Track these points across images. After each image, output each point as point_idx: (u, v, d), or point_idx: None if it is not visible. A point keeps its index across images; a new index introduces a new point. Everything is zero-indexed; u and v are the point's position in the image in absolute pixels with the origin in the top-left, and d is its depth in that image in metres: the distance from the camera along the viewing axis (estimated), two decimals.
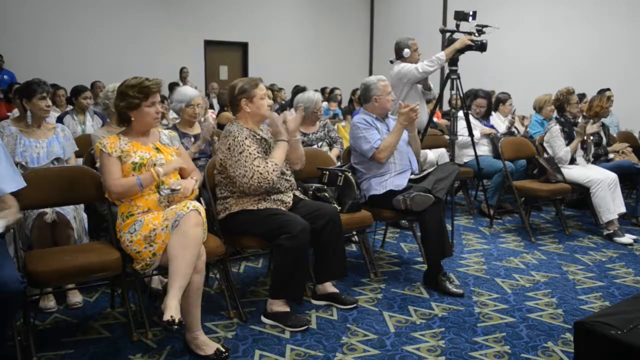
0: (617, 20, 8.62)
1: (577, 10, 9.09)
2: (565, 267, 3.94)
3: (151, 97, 2.77)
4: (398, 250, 4.34)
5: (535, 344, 2.77)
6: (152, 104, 2.79)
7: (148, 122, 2.82)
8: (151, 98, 2.77)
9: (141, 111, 2.78)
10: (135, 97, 2.74)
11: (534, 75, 9.32)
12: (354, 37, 13.42)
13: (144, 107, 2.77)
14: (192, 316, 2.59)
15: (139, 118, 2.79)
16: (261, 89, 3.13)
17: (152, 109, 2.79)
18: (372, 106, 3.77)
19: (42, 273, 2.45)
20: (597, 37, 8.84)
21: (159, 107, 2.84)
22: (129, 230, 2.64)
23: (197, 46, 11.53)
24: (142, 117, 2.79)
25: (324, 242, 3.11)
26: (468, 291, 3.45)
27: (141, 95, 2.75)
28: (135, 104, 2.75)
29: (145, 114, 2.79)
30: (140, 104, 2.76)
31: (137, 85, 2.76)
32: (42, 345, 2.68)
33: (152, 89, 2.77)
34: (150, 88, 2.76)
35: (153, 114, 2.80)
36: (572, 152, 4.84)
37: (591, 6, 8.95)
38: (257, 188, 2.96)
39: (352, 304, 3.19)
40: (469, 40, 4.49)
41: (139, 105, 2.76)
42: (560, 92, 5.03)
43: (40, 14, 9.77)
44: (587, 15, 8.99)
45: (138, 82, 2.76)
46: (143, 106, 2.76)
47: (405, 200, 3.36)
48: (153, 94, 2.78)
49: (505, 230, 4.96)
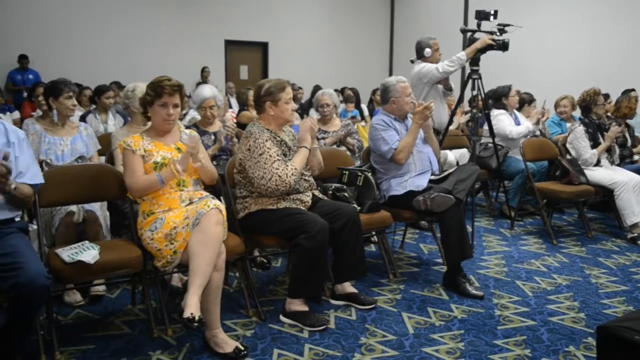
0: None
1: (600, 9, 8.94)
2: (587, 271, 3.89)
3: (164, 98, 2.75)
4: (417, 251, 4.32)
5: (557, 348, 2.73)
6: (164, 104, 2.76)
7: (157, 121, 2.82)
8: (164, 98, 2.75)
9: (153, 109, 2.80)
10: (148, 94, 2.77)
11: (556, 75, 9.19)
12: (374, 36, 13.38)
13: (156, 105, 2.78)
14: (212, 314, 2.61)
15: (152, 116, 2.83)
16: (287, 93, 3.10)
17: (162, 109, 2.77)
18: (390, 107, 3.75)
19: (64, 269, 2.48)
20: (620, 36, 8.68)
21: (172, 110, 2.79)
22: (150, 228, 2.67)
23: (217, 46, 11.60)
24: (154, 116, 2.82)
25: (343, 242, 3.10)
26: (488, 293, 3.42)
27: (153, 94, 2.76)
28: (148, 101, 2.79)
29: (156, 112, 2.79)
30: (152, 101, 2.78)
31: (155, 82, 2.78)
32: (65, 339, 2.71)
33: (165, 89, 2.74)
34: (163, 88, 2.74)
35: (163, 114, 2.78)
36: (599, 154, 4.76)
37: (614, 5, 8.79)
38: (274, 190, 2.96)
39: (371, 304, 3.18)
40: (490, 40, 4.45)
41: (151, 103, 2.78)
42: (586, 93, 4.94)
43: (65, 15, 9.92)
44: (610, 14, 8.83)
45: (158, 80, 2.78)
46: (155, 105, 2.78)
47: (426, 201, 3.34)
48: (167, 95, 2.75)
49: (526, 232, 4.90)
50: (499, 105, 5.48)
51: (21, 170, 2.51)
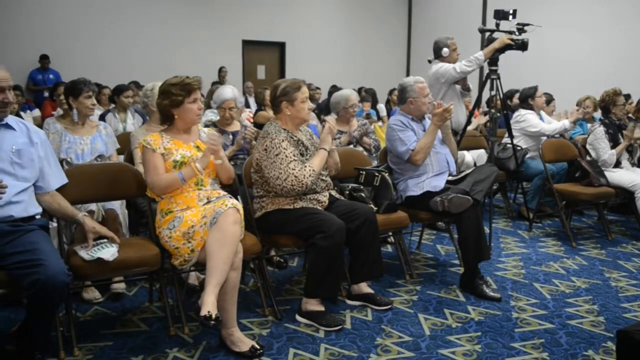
0: None
1: (620, 8, 8.81)
2: (607, 274, 3.83)
3: (193, 94, 2.83)
4: (434, 252, 4.30)
5: (575, 352, 2.69)
6: (194, 100, 2.84)
7: (191, 118, 2.87)
8: (193, 95, 2.83)
9: (184, 108, 2.83)
10: (178, 94, 2.80)
11: (576, 75, 9.09)
12: (392, 36, 13.34)
13: (187, 103, 2.82)
14: (228, 313, 2.62)
15: (182, 115, 2.85)
16: (303, 92, 3.11)
17: (194, 105, 2.84)
18: (407, 108, 3.74)
19: (83, 267, 2.51)
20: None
21: (200, 103, 2.90)
22: (168, 227, 2.69)
23: (235, 46, 11.66)
24: (185, 114, 2.84)
25: (360, 242, 3.10)
26: (505, 296, 3.39)
27: (184, 93, 2.80)
28: (178, 101, 2.81)
29: (188, 110, 2.84)
30: (182, 101, 2.81)
31: (179, 83, 2.81)
32: (83, 336, 2.75)
33: (193, 86, 2.82)
34: (192, 85, 2.82)
35: (195, 110, 2.86)
36: (618, 155, 4.69)
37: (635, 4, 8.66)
38: (290, 191, 2.97)
39: (387, 305, 3.17)
40: (509, 40, 4.41)
41: (181, 103, 2.81)
42: (606, 93, 4.88)
43: (85, 16, 10.03)
44: (630, 13, 8.70)
45: (180, 80, 2.82)
46: (186, 103, 2.82)
47: (443, 202, 3.33)
48: (194, 91, 2.83)
49: (544, 234, 4.85)
50: (525, 106, 5.43)
51: (45, 170, 2.57)
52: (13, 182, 2.40)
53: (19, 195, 2.42)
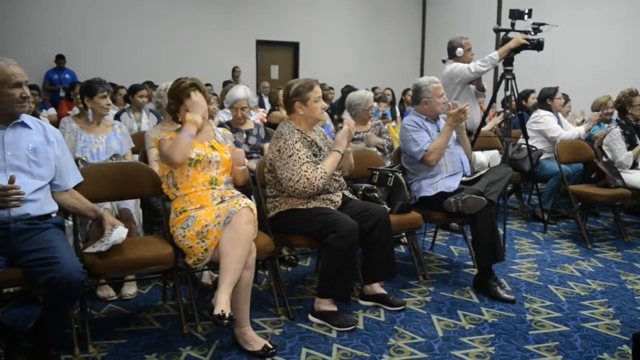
0: None
1: (637, 7, 8.68)
2: (623, 276, 3.79)
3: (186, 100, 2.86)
4: (448, 253, 4.28)
5: (590, 355, 2.67)
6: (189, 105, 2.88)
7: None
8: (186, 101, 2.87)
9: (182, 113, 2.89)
10: (171, 103, 2.90)
11: (592, 75, 8.97)
12: (406, 36, 13.29)
13: (182, 110, 2.88)
14: (241, 312, 2.63)
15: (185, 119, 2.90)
16: (316, 92, 3.10)
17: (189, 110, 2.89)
18: (421, 108, 3.72)
19: (97, 265, 2.53)
20: None
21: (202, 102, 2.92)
22: (182, 226, 2.71)
23: (249, 46, 11.69)
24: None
25: (373, 243, 3.09)
26: (520, 297, 3.36)
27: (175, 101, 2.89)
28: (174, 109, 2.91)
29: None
30: (178, 108, 2.90)
31: (170, 91, 2.91)
32: (98, 333, 2.77)
33: (184, 92, 2.86)
34: (182, 91, 2.86)
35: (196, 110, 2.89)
36: (635, 156, 4.64)
37: None
38: (302, 192, 2.97)
39: (400, 305, 3.16)
40: (524, 39, 4.37)
41: (177, 110, 2.90)
42: (622, 94, 4.83)
43: (101, 16, 10.12)
44: None
45: (172, 87, 2.92)
46: (181, 110, 2.88)
47: (457, 203, 3.30)
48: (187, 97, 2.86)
49: (559, 235, 4.81)
50: (544, 106, 5.39)
51: (62, 169, 2.59)
52: (29, 180, 2.42)
53: (35, 193, 2.44)
